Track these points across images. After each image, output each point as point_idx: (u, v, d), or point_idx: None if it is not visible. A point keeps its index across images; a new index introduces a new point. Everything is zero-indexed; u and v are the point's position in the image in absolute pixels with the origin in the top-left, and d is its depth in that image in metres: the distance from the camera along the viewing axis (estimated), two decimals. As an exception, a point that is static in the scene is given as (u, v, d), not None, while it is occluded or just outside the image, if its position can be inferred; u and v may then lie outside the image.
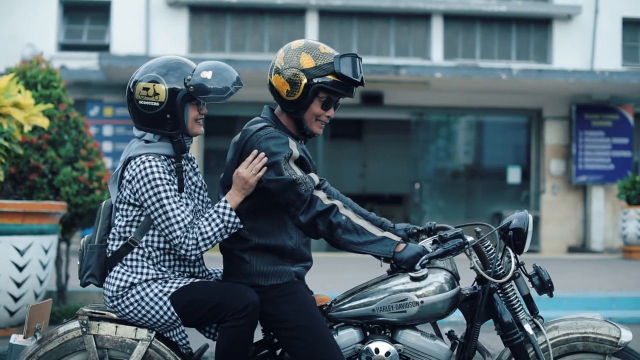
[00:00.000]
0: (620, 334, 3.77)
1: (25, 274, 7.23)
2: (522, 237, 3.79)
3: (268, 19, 18.66)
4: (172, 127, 3.66)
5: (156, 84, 3.63)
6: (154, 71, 3.67)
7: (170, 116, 3.64)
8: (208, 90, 3.61)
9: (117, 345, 3.70)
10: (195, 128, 3.74)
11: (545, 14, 19.13)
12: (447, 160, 20.13)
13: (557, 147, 19.04)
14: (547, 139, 19.05)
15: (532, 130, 19.50)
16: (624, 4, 19.28)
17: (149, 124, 3.68)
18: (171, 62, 3.71)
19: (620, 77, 16.97)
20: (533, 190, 19.39)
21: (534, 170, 19.43)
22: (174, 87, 3.63)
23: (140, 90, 3.65)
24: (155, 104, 3.63)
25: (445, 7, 18.65)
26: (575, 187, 19.02)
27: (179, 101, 3.63)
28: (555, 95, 18.63)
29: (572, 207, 18.98)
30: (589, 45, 19.05)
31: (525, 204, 19.23)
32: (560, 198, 19.00)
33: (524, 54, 19.46)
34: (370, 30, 19.00)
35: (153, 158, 3.62)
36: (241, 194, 3.59)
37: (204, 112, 3.75)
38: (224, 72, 3.66)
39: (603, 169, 18.70)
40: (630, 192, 15.49)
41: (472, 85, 17.42)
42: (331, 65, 3.63)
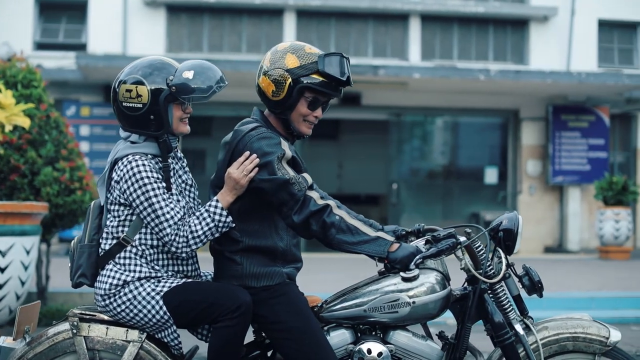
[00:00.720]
0: (610, 333, 3.80)
1: (6, 275, 7.17)
2: (513, 237, 3.81)
3: (246, 19, 18.63)
4: (156, 128, 3.66)
5: (139, 86, 3.63)
6: (139, 72, 3.68)
7: (154, 117, 3.64)
8: (190, 89, 3.63)
9: (108, 347, 3.68)
10: (181, 127, 3.74)
11: (522, 15, 19.23)
12: (424, 161, 20.19)
13: (534, 148, 19.14)
14: (524, 139, 19.15)
15: (509, 131, 19.59)
16: (599, 5, 19.42)
17: (134, 125, 3.69)
18: (156, 62, 3.72)
19: (597, 78, 17.08)
20: (510, 191, 19.48)
21: (511, 170, 19.52)
22: (157, 87, 3.63)
23: (124, 92, 3.66)
24: (138, 106, 3.64)
25: (423, 8, 18.69)
26: (551, 187, 19.13)
27: (162, 102, 3.63)
28: (532, 96, 18.73)
29: (549, 207, 19.09)
30: (565, 47, 19.17)
31: (502, 205, 19.33)
32: (537, 198, 19.10)
33: (501, 55, 19.55)
34: (348, 30, 19.01)
35: (140, 157, 3.62)
36: (232, 194, 3.59)
37: (188, 112, 3.76)
38: (207, 71, 3.67)
39: (579, 170, 18.82)
40: (607, 192, 15.60)
41: (450, 86, 17.48)
42: (315, 64, 3.62)
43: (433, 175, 20.15)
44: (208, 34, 18.50)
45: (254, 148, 3.55)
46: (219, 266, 3.72)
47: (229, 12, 18.53)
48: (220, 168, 3.69)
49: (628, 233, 15.69)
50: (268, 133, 3.61)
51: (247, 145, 3.57)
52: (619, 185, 15.50)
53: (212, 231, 3.56)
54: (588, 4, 19.25)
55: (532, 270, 3.86)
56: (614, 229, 15.51)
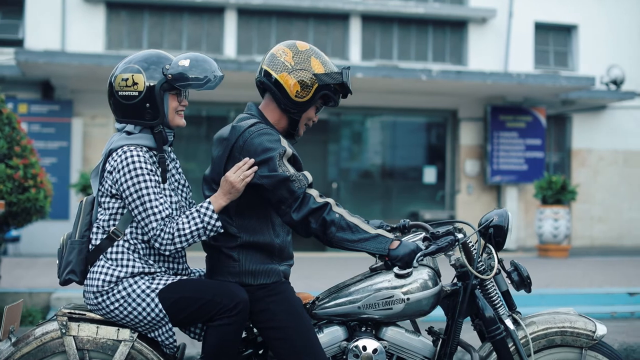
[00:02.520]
0: (596, 327, 3.87)
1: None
2: (503, 234, 3.86)
3: (187, 17, 18.49)
4: (152, 117, 3.63)
5: (135, 74, 3.62)
6: (135, 64, 3.66)
7: (150, 105, 3.62)
8: (186, 78, 3.61)
9: (99, 347, 3.62)
10: (177, 119, 3.71)
11: (461, 16, 19.44)
12: (364, 161, 20.26)
13: (472, 148, 19.37)
14: (463, 139, 19.36)
15: (448, 131, 19.79)
16: (536, 8, 19.75)
17: (129, 114, 3.65)
18: (152, 55, 3.71)
19: (536, 79, 17.36)
20: (448, 190, 19.68)
21: (449, 170, 19.72)
22: (153, 76, 3.61)
23: (120, 81, 3.65)
24: (134, 94, 3.61)
25: (363, 8, 18.77)
26: (489, 187, 19.37)
27: (158, 90, 3.60)
28: (470, 97, 18.95)
29: (487, 206, 19.32)
30: (503, 48, 19.44)
31: (441, 204, 19.52)
32: (475, 198, 19.33)
33: (440, 55, 19.74)
34: (289, 29, 18.99)
35: (135, 148, 3.58)
36: (226, 198, 3.55)
37: (184, 104, 3.73)
38: (204, 63, 3.67)
39: (517, 170, 19.10)
40: (547, 191, 15.85)
41: (390, 86, 17.58)
42: (339, 75, 3.71)
43: (372, 174, 20.23)
44: (148, 31, 18.31)
45: (255, 144, 3.53)
46: (215, 262, 3.68)
47: (170, 9, 18.37)
48: (217, 163, 3.65)
49: (566, 232, 15.97)
50: (268, 129, 3.60)
51: (247, 141, 3.54)
52: (558, 184, 15.76)
53: (199, 232, 3.51)
54: (525, 6, 19.56)
55: (520, 266, 3.91)
56: (553, 228, 15.76)
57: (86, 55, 15.64)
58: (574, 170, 20.04)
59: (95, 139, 17.17)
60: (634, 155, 20.40)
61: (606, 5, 20.16)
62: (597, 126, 20.17)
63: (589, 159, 20.17)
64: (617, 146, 20.27)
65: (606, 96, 19.29)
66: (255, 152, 3.53)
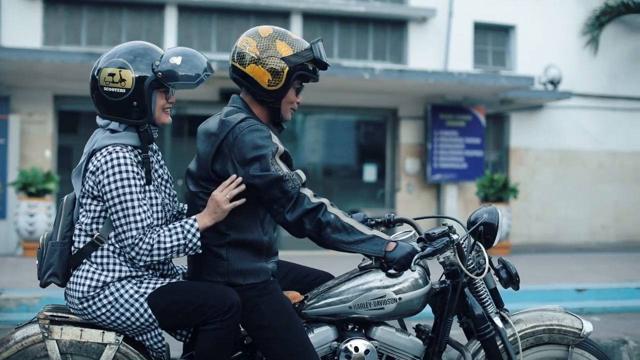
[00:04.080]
0: (583, 325, 3.88)
1: None
2: (493, 231, 3.84)
3: (126, 13, 18.19)
4: (138, 116, 3.48)
5: (123, 70, 3.45)
6: (120, 57, 3.48)
7: (137, 104, 3.46)
8: (177, 76, 3.45)
9: (83, 350, 3.50)
10: (163, 117, 3.58)
11: (402, 15, 19.50)
12: (303, 159, 20.19)
13: (412, 146, 19.45)
14: (403, 138, 19.42)
15: (388, 129, 19.84)
16: (475, 8, 19.92)
17: (115, 112, 3.49)
18: (138, 47, 3.53)
19: (477, 79, 17.50)
20: (388, 189, 19.73)
21: (390, 168, 19.78)
22: (142, 73, 3.45)
23: (106, 76, 3.46)
24: (121, 91, 3.45)
25: (305, 6, 18.70)
26: (429, 185, 19.48)
27: (147, 88, 3.45)
28: (411, 95, 19.01)
29: (426, 204, 19.42)
30: (443, 48, 19.57)
31: (381, 202, 19.56)
32: (415, 196, 19.42)
33: (380, 54, 19.78)
34: (230, 27, 18.83)
35: (121, 149, 3.43)
36: (211, 217, 3.44)
37: (171, 101, 3.60)
38: (194, 58, 3.51)
39: (457, 168, 19.23)
40: (488, 190, 16.00)
41: (331, 84, 17.53)
42: (309, 51, 3.58)
43: (312, 172, 20.18)
44: (87, 27, 17.96)
45: (246, 140, 3.42)
46: (202, 262, 3.57)
47: (109, 5, 18.05)
48: (204, 159, 3.52)
49: (508, 229, 16.15)
50: (259, 125, 3.49)
51: (238, 138, 3.43)
52: (499, 183, 15.93)
53: (179, 248, 3.39)
54: (465, 6, 19.71)
55: (509, 263, 3.90)
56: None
57: (24, 50, 15.28)
58: (511, 169, 20.27)
59: (33, 137, 16.78)
60: (570, 155, 20.73)
61: (543, 6, 20.44)
62: (534, 125, 20.44)
63: (527, 158, 20.43)
64: (553, 145, 20.57)
65: (544, 96, 19.54)
66: (247, 149, 3.41)
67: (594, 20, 20.43)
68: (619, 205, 21.12)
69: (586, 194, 20.82)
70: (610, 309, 8.84)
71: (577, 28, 20.77)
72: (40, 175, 13.86)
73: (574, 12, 20.75)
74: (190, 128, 18.51)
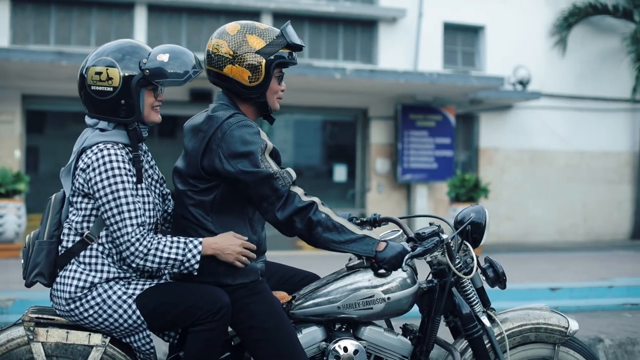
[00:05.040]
0: (569, 323, 3.89)
1: None
2: (481, 231, 3.84)
3: (95, 12, 18.05)
4: (126, 114, 3.43)
5: (110, 68, 3.40)
6: (108, 55, 3.43)
7: (125, 102, 3.42)
8: (165, 74, 3.41)
9: (69, 353, 3.44)
10: (152, 115, 3.53)
11: (372, 15, 19.53)
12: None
13: (383, 146, 19.48)
14: (373, 138, 19.45)
15: (358, 130, 19.85)
16: (445, 9, 19.99)
17: (103, 110, 3.45)
18: (125, 45, 3.48)
19: (448, 79, 17.56)
20: (359, 189, 19.75)
21: (360, 168, 19.79)
22: (129, 71, 3.41)
23: (93, 75, 3.42)
24: (108, 89, 3.41)
25: (275, 6, 18.66)
26: (399, 185, 19.52)
27: (134, 86, 3.41)
28: (381, 95, 19.04)
29: (397, 204, 19.46)
30: (413, 48, 19.61)
31: (351, 202, 19.57)
32: (385, 196, 19.45)
33: (350, 54, 19.79)
34: (200, 26, 18.75)
35: (112, 146, 3.38)
36: (215, 253, 3.39)
37: (160, 99, 3.55)
38: (182, 56, 3.47)
39: (427, 168, 19.29)
40: (460, 189, 16.05)
41: (302, 84, 17.52)
42: (282, 38, 3.55)
43: (282, 173, 20.16)
44: (55, 26, 17.80)
45: (235, 136, 3.38)
46: None
47: (78, 4, 17.89)
48: (192, 156, 3.48)
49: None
50: (248, 121, 3.46)
51: (226, 133, 3.39)
52: (470, 182, 15.99)
53: (175, 263, 3.34)
54: (434, 7, 19.78)
55: (496, 262, 3.90)
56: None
57: (-8, 49, 15.14)
58: (481, 169, 20.38)
59: (1, 137, 16.60)
60: (538, 155, 20.87)
61: (512, 7, 20.56)
62: (503, 125, 20.56)
63: (496, 158, 20.54)
64: (522, 145, 20.71)
65: (513, 96, 19.67)
66: (235, 144, 3.38)
67: (562, 22, 20.60)
68: (587, 205, 21.32)
69: (555, 194, 20.99)
70: (584, 308, 8.89)
71: (545, 29, 20.93)
72: (10, 175, 13.70)
73: (543, 13, 20.90)
74: (160, 129, 18.42)
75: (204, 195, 3.46)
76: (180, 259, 3.34)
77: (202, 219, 3.48)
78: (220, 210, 3.48)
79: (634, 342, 6.86)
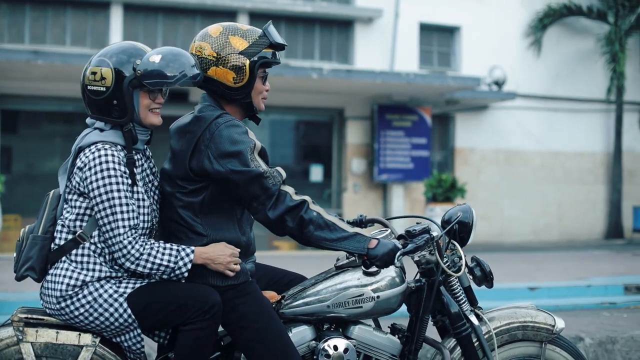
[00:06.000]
0: (555, 321, 3.91)
1: None
2: (468, 230, 3.86)
3: (70, 12, 17.94)
4: (119, 115, 3.41)
5: (103, 68, 3.39)
6: (105, 56, 3.43)
7: (117, 102, 3.39)
8: (155, 74, 3.36)
9: (58, 353, 3.40)
10: (150, 118, 3.49)
11: (348, 16, 19.56)
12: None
13: (359, 147, 19.51)
14: (349, 138, 19.47)
15: (334, 130, 19.87)
16: (421, 9, 20.06)
17: (97, 110, 3.44)
18: (128, 47, 3.47)
19: (424, 79, 17.62)
20: (335, 189, 19.76)
21: (336, 169, 19.81)
22: (122, 70, 3.38)
23: (89, 75, 3.42)
24: (101, 89, 3.39)
25: (251, 6, 18.64)
26: (376, 185, 19.56)
27: (126, 86, 3.38)
28: (357, 96, 19.07)
29: (373, 204, 19.50)
30: (389, 48, 19.65)
31: (328, 203, 19.58)
32: (361, 196, 19.48)
33: (327, 54, 19.81)
34: (176, 26, 18.69)
35: (110, 147, 3.36)
36: (205, 262, 3.39)
37: (159, 101, 3.50)
38: (178, 57, 3.39)
39: (403, 168, 19.33)
40: (437, 189, 16.11)
41: (279, 84, 17.46)
42: (264, 38, 3.54)
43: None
44: (30, 25, 17.67)
45: (224, 136, 3.37)
46: None
47: (52, 3, 17.78)
48: (181, 157, 3.46)
49: (454, 228, 16.27)
50: (235, 121, 3.46)
51: (215, 133, 3.38)
52: (447, 182, 16.06)
53: (165, 270, 3.34)
54: (410, 7, 19.83)
55: (483, 261, 3.92)
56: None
57: (-34, 48, 15.01)
58: (457, 169, 20.46)
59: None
60: (514, 155, 20.99)
61: (488, 8, 20.67)
62: (479, 126, 20.66)
63: (472, 158, 20.63)
64: (498, 145, 20.81)
65: (488, 96, 19.77)
66: (224, 144, 3.37)
67: (537, 23, 20.74)
68: (562, 205, 21.46)
69: (530, 194, 21.12)
70: (562, 307, 8.94)
71: (520, 30, 21.06)
72: (-15, 175, 13.60)
73: (518, 14, 21.02)
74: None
75: (193, 197, 3.45)
76: (172, 267, 3.33)
77: (191, 221, 3.46)
78: (209, 212, 3.47)
79: (614, 340, 6.90)
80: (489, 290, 4.06)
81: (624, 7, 20.97)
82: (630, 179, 22.17)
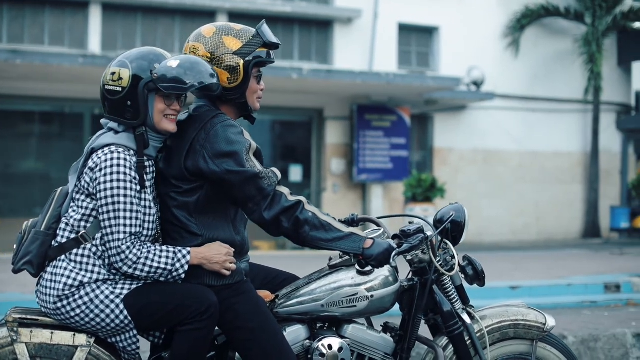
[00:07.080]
0: (546, 319, 3.95)
1: None
2: (460, 229, 3.88)
3: (49, 11, 17.82)
4: (132, 116, 3.42)
5: (122, 69, 3.43)
6: (127, 58, 3.46)
7: (131, 104, 3.40)
8: (170, 79, 3.36)
9: (53, 354, 3.42)
10: (164, 123, 3.46)
11: (327, 16, 19.57)
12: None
13: (338, 147, 19.53)
14: (328, 138, 19.49)
15: (314, 130, 19.87)
16: (400, 10, 20.10)
17: (112, 111, 3.46)
18: (150, 52, 3.50)
19: (404, 79, 17.66)
20: (314, 189, 19.77)
21: (315, 169, 19.82)
22: (139, 73, 3.40)
23: (108, 75, 3.45)
24: (118, 89, 3.42)
25: (230, 6, 18.60)
26: (355, 185, 19.58)
27: (141, 89, 3.40)
28: (336, 96, 19.08)
29: (352, 204, 19.52)
30: (368, 48, 19.68)
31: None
32: (340, 196, 19.49)
33: (306, 54, 19.81)
34: (155, 26, 18.63)
35: (123, 151, 3.38)
36: (201, 262, 3.41)
37: (175, 108, 3.48)
38: (195, 65, 3.39)
39: (382, 168, 19.37)
40: (416, 189, 16.15)
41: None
42: (258, 38, 3.57)
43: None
44: (7, 24, 17.54)
45: (219, 136, 3.39)
46: None
47: (31, 2, 17.66)
48: (176, 157, 3.47)
49: (434, 228, 16.32)
50: (231, 121, 3.47)
51: (211, 133, 3.40)
52: (427, 182, 16.11)
53: (162, 272, 3.36)
54: (390, 7, 19.86)
55: (475, 260, 3.95)
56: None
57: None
58: (435, 169, 20.51)
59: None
60: (492, 155, 21.09)
61: (466, 8, 20.75)
62: (457, 126, 20.74)
63: (450, 158, 20.70)
64: (476, 145, 20.90)
65: (467, 97, 19.85)
66: (220, 144, 3.38)
67: (515, 23, 20.86)
68: (540, 205, 21.59)
69: (508, 194, 21.22)
70: (544, 306, 8.97)
71: (499, 30, 21.17)
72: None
73: (496, 15, 21.13)
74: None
75: (188, 197, 3.45)
76: (169, 269, 3.35)
77: (186, 221, 3.47)
78: (203, 211, 3.48)
79: (596, 338, 6.98)
80: (469, 290, 4.09)
81: (601, 8, 21.14)
82: (607, 179, 22.34)
